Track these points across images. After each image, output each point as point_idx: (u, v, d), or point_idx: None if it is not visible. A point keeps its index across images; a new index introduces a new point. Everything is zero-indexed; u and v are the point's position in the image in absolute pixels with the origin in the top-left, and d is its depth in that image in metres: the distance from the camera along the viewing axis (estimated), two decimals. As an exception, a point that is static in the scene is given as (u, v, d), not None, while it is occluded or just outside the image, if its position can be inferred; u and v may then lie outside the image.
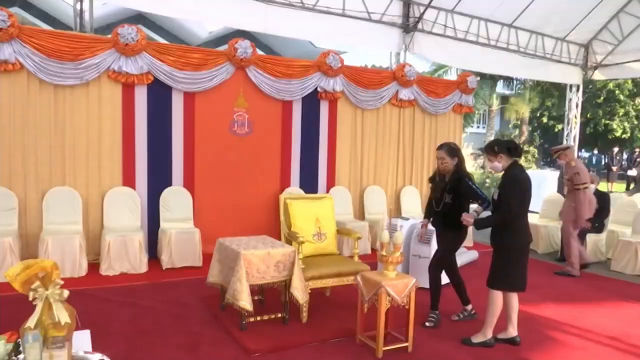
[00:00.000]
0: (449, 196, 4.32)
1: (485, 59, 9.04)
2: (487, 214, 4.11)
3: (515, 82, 20.02)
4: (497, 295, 3.94)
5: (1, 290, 4.45)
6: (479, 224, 3.98)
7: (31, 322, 1.67)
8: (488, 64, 9.41)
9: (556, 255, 7.44)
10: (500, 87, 21.00)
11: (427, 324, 4.33)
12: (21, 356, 1.66)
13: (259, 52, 7.20)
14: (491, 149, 3.91)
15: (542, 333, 4.37)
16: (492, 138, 20.04)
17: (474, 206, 4.35)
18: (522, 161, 7.49)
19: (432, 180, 4.62)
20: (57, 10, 12.00)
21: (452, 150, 4.34)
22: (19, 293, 1.74)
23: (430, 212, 4.63)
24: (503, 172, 3.93)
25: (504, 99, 23.45)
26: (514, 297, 4.01)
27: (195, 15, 7.16)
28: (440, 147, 4.43)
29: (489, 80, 18.29)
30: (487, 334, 3.98)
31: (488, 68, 10.13)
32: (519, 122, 23.20)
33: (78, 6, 6.20)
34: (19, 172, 5.63)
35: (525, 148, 16.32)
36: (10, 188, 5.54)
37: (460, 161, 4.36)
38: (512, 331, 4.05)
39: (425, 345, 3.94)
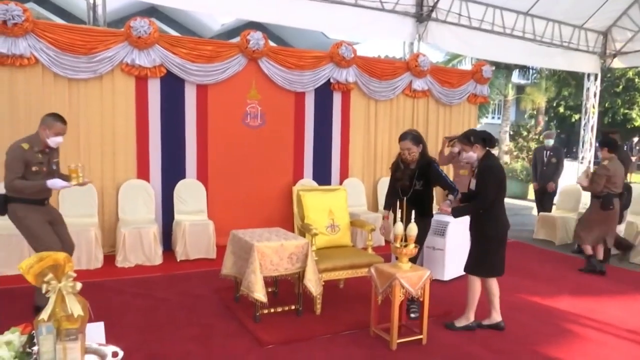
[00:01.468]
0: (419, 183, 4.22)
1: (500, 48, 8.89)
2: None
3: (531, 71, 19.69)
4: (475, 281, 4.05)
5: (16, 282, 4.54)
6: (457, 212, 4.07)
7: (45, 314, 1.67)
8: (503, 53, 9.26)
9: (573, 247, 7.33)
10: (515, 77, 20.67)
11: (412, 315, 4.26)
12: (35, 348, 1.67)
13: (271, 43, 7.16)
14: (467, 140, 4.02)
15: (558, 326, 4.32)
16: (507, 129, 19.80)
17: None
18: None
19: (395, 168, 4.39)
20: (70, 4, 12.06)
21: (416, 138, 4.23)
22: (33, 285, 1.76)
23: (393, 202, 4.34)
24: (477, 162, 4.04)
25: (520, 89, 23.10)
26: (494, 283, 4.12)
27: (208, 7, 7.15)
28: (404, 138, 4.23)
29: (504, 69, 18.01)
30: (470, 318, 4.08)
31: (503, 57, 9.98)
32: (535, 112, 22.88)
33: (91, 0, 6.22)
34: (35, 166, 5.68)
35: (541, 138, 16.06)
36: (27, 181, 5.60)
37: (424, 147, 4.30)
38: (496, 316, 4.15)
39: (439, 337, 3.91)
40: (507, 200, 7.59)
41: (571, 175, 11.04)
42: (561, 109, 22.80)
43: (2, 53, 5.33)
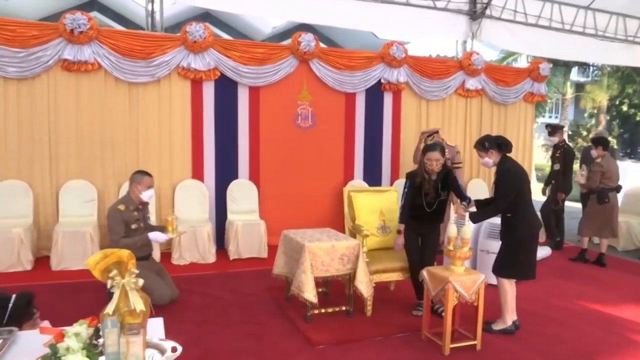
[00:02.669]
0: (444, 193, 4.23)
1: (559, 44, 8.51)
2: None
3: (591, 68, 18.81)
4: (504, 283, 3.97)
5: (81, 276, 4.79)
6: (475, 217, 4.03)
7: (109, 308, 1.75)
8: (562, 50, 8.85)
9: (639, 253, 6.93)
10: (574, 74, 19.80)
11: (414, 312, 4.33)
12: (101, 340, 1.75)
13: (322, 45, 7.20)
14: (481, 145, 4.00)
15: (622, 336, 4.09)
16: (565, 128, 19.00)
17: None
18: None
19: (420, 183, 4.18)
20: (130, 12, 12.58)
21: (443, 148, 4.25)
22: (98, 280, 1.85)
23: (414, 215, 4.27)
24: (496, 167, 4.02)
25: (579, 87, 22.10)
26: (513, 285, 4.03)
27: (260, 10, 7.27)
28: (434, 149, 4.14)
29: (562, 67, 17.29)
30: (507, 321, 4.00)
31: (562, 54, 9.58)
32: (595, 111, 21.81)
33: (149, 7, 6.47)
34: (98, 166, 5.98)
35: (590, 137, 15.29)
36: (91, 181, 5.90)
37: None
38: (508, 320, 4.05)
39: (494, 343, 3.80)
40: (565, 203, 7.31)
41: (635, 176, 10.44)
42: (624, 108, 21.62)
43: (69, 60, 5.64)
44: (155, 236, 4.28)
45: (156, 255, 5.71)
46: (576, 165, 8.24)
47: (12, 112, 5.64)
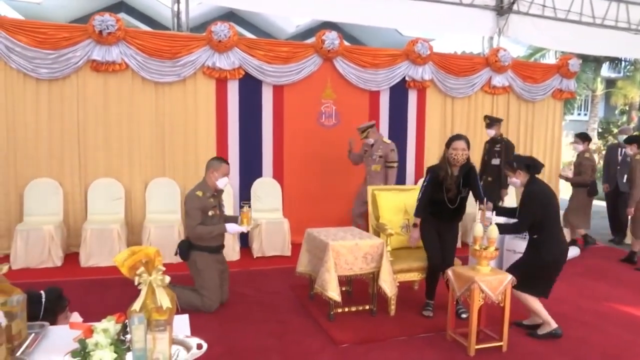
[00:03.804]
0: (465, 190, 4.17)
1: (589, 39, 8.29)
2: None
3: (623, 63, 18.26)
4: (523, 296, 3.85)
5: (111, 273, 4.89)
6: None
7: (137, 305, 1.78)
8: (593, 45, 8.62)
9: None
10: (605, 70, 19.24)
11: (424, 312, 4.31)
12: (128, 336, 1.78)
13: (346, 43, 7.18)
14: (510, 166, 3.98)
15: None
16: (595, 126, 18.55)
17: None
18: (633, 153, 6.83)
19: (443, 179, 4.11)
20: (156, 12, 12.79)
21: (468, 140, 4.20)
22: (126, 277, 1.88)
23: (433, 211, 4.22)
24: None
25: (610, 83, 21.49)
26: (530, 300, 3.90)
27: (284, 9, 7.28)
28: (459, 138, 4.15)
29: (592, 62, 16.85)
30: (552, 324, 3.88)
31: (593, 49, 9.32)
32: (627, 108, 21.19)
33: (175, 7, 6.55)
34: (125, 164, 6.09)
35: (614, 132, 14.85)
36: (118, 179, 6.01)
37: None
38: (536, 318, 3.98)
39: (520, 345, 3.73)
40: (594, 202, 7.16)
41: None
42: (658, 104, 20.92)
43: (98, 60, 5.75)
44: (232, 228, 4.27)
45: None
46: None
47: (44, 113, 5.79)
